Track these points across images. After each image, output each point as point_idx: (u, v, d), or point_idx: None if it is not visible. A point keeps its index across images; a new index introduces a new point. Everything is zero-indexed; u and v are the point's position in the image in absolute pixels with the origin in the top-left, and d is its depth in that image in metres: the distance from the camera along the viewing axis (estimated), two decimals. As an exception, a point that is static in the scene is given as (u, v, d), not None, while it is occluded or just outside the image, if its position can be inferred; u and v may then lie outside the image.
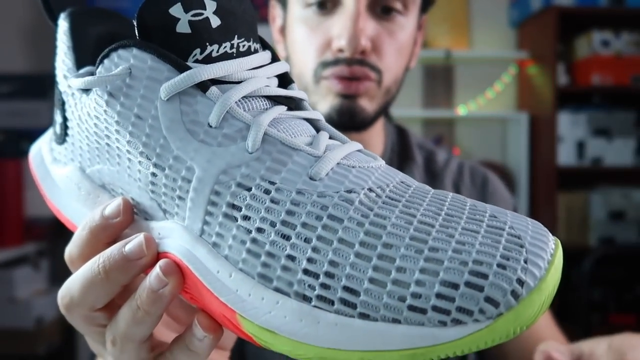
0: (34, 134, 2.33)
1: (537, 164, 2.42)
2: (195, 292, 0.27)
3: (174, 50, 0.27)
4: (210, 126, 0.27)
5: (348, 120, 0.58)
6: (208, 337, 0.27)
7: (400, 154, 0.68)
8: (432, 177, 0.68)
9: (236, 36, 0.28)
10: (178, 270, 0.27)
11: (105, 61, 0.28)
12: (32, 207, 2.29)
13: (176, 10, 0.27)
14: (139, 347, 0.29)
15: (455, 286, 0.22)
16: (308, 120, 0.30)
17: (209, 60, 0.28)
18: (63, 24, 0.36)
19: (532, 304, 0.23)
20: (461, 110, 2.58)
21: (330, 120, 0.58)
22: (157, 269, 0.27)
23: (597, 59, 2.29)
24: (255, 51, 0.30)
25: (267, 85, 0.29)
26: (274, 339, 0.25)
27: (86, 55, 0.33)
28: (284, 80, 0.31)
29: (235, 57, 0.28)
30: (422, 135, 2.62)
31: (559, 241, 0.28)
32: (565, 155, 2.32)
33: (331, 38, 0.56)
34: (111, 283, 0.28)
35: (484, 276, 0.22)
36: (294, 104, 0.30)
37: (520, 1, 2.51)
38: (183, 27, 0.27)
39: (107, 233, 0.29)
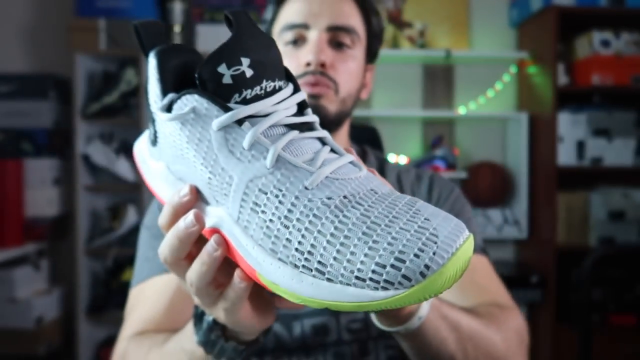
0: (34, 134, 2.33)
1: (537, 164, 2.42)
2: (233, 256, 0.43)
3: (221, 95, 0.41)
4: (244, 149, 0.41)
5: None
6: (242, 284, 0.43)
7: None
8: (382, 175, 0.86)
9: (264, 80, 0.42)
10: (224, 242, 0.42)
11: (179, 102, 0.43)
12: (32, 207, 2.29)
13: (222, 68, 0.41)
14: (206, 287, 0.45)
15: (384, 267, 0.36)
16: (318, 137, 0.44)
17: (244, 101, 0.41)
18: (152, 61, 0.49)
19: (434, 282, 0.35)
20: (461, 110, 2.58)
21: None
22: (211, 240, 0.42)
23: (597, 59, 2.29)
24: (280, 88, 0.43)
25: (287, 116, 0.43)
26: (277, 289, 0.40)
27: (169, 79, 0.47)
28: (302, 106, 0.44)
29: (263, 97, 0.42)
30: (423, 135, 2.62)
31: (471, 237, 0.38)
32: (565, 155, 2.32)
33: (301, 61, 0.79)
34: (182, 244, 0.44)
35: (403, 262, 0.35)
36: (307, 126, 0.43)
37: (520, 1, 2.51)
38: (227, 80, 0.41)
39: (181, 208, 0.44)
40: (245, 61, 0.41)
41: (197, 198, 0.45)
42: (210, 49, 2.44)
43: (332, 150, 0.43)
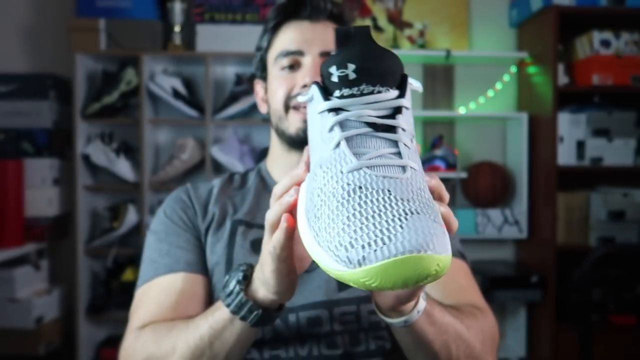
0: (34, 134, 2.33)
1: (537, 164, 2.42)
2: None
3: (329, 89, 0.53)
4: (326, 131, 0.52)
5: None
6: (284, 224, 0.56)
7: None
8: None
9: (364, 83, 0.51)
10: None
11: (308, 90, 0.57)
12: (32, 207, 2.29)
13: (333, 69, 0.52)
14: (273, 226, 0.58)
15: (341, 245, 0.44)
16: (391, 139, 0.52)
17: (341, 97, 0.52)
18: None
19: (368, 274, 0.43)
20: (461, 110, 2.58)
21: (298, 138, 0.87)
22: (291, 190, 0.56)
23: (597, 59, 2.29)
24: (378, 92, 0.52)
25: (369, 115, 0.51)
26: (303, 240, 0.51)
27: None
28: (397, 110, 0.54)
29: (357, 96, 0.52)
30: (423, 135, 2.62)
31: (434, 258, 0.43)
32: (565, 155, 2.32)
33: (295, 84, 0.88)
34: (282, 207, 0.56)
35: (353, 247, 0.44)
36: (385, 127, 0.52)
37: (520, 1, 2.51)
38: (334, 78, 0.52)
39: (297, 179, 0.57)
40: (351, 66, 0.51)
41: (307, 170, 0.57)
42: (210, 48, 2.44)
43: (398, 153, 0.51)
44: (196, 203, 0.91)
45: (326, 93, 0.53)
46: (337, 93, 0.52)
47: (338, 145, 0.50)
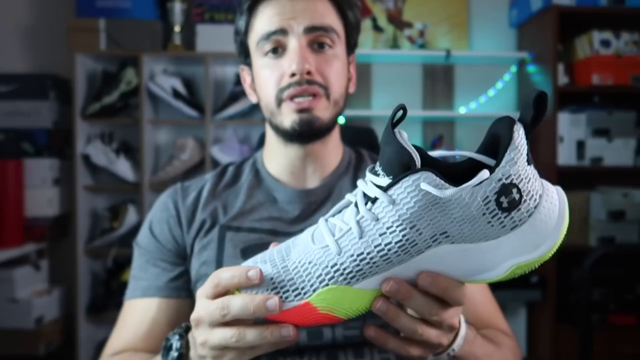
0: (34, 134, 2.33)
1: (537, 164, 2.39)
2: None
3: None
4: None
5: (308, 129, 0.79)
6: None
7: (356, 166, 0.90)
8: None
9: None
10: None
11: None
12: (32, 207, 2.29)
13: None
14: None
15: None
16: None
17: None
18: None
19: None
20: (461, 110, 2.58)
21: (293, 131, 0.79)
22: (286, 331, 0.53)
23: (597, 59, 2.29)
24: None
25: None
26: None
27: None
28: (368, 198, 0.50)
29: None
30: (423, 135, 2.62)
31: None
32: (565, 155, 2.32)
33: (284, 71, 0.78)
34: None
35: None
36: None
37: (520, 1, 2.51)
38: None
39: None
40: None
41: None
42: (210, 48, 2.44)
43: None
44: (183, 211, 0.85)
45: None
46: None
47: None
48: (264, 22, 0.80)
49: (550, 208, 0.47)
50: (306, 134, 0.80)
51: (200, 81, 2.48)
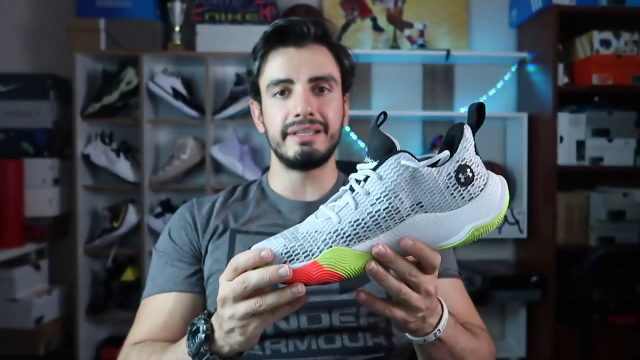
0: (34, 134, 2.33)
1: (537, 164, 2.42)
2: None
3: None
4: None
5: (308, 160, 0.95)
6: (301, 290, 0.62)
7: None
8: None
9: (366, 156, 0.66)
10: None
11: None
12: (32, 207, 2.29)
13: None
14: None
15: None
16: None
17: None
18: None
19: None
20: (461, 110, 2.58)
21: (295, 161, 0.95)
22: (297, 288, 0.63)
23: (597, 59, 2.29)
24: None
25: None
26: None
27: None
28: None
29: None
30: (423, 135, 2.62)
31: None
32: (565, 155, 2.32)
33: (289, 111, 0.94)
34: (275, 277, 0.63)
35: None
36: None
37: (520, 1, 2.51)
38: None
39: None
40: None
41: None
42: (210, 48, 2.44)
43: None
44: (198, 219, 0.99)
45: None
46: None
47: None
48: (273, 69, 0.95)
49: (495, 186, 0.64)
50: (306, 163, 0.95)
51: (200, 81, 2.48)
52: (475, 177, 0.62)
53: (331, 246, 0.61)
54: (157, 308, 0.93)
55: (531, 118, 2.45)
